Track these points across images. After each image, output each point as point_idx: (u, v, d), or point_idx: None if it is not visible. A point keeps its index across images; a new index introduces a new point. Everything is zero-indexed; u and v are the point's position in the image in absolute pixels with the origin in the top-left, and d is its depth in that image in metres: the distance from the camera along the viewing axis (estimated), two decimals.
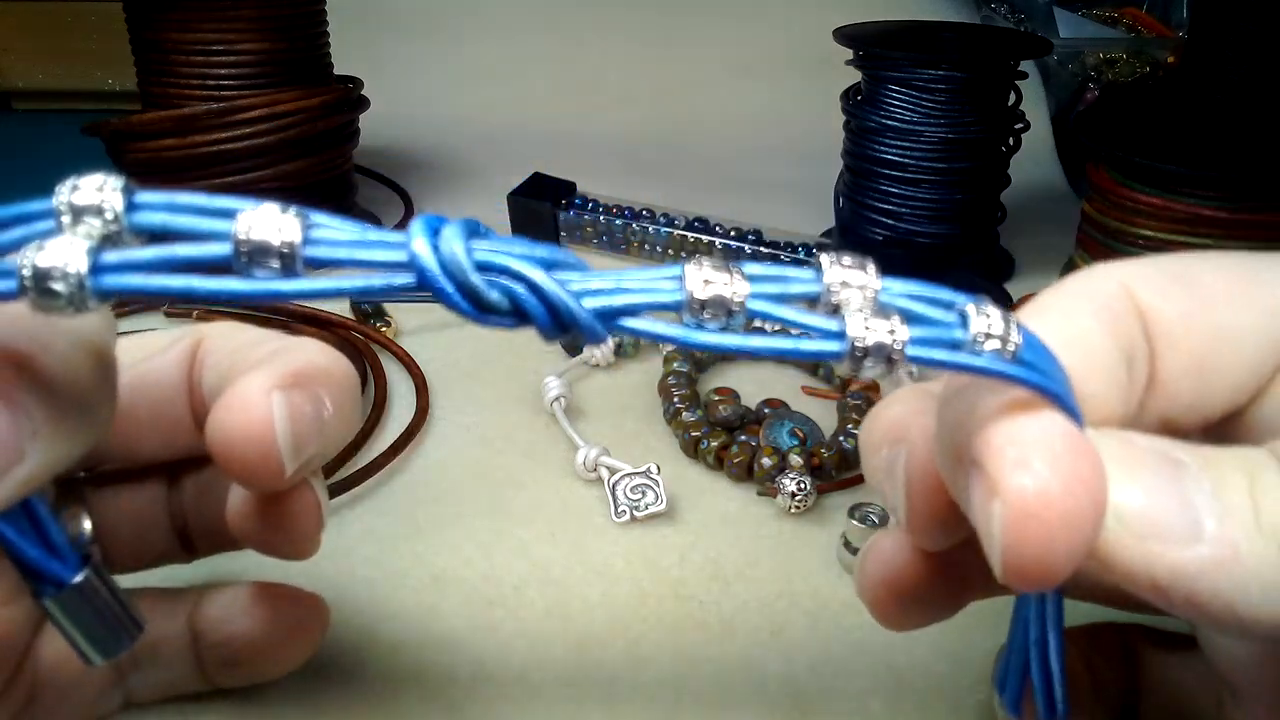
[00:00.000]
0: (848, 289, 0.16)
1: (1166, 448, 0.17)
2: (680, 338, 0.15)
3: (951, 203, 0.55)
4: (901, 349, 0.15)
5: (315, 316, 0.50)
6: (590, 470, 0.38)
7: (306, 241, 0.15)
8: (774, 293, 0.15)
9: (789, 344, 0.15)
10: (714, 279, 0.15)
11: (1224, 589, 0.16)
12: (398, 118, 0.80)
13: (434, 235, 0.15)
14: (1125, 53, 0.77)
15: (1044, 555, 0.15)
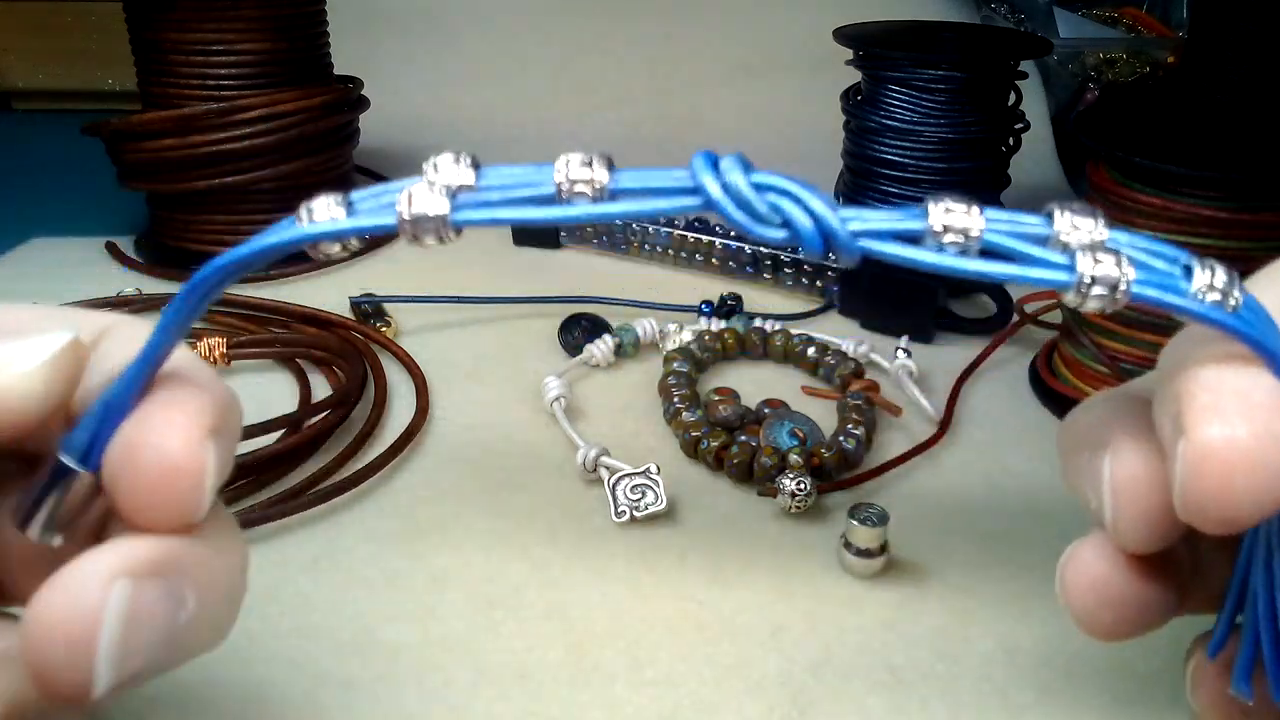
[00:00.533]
0: (1077, 232, 0.16)
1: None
2: (926, 261, 0.16)
3: None
4: (1128, 284, 0.16)
5: (315, 316, 0.50)
6: (590, 470, 0.38)
7: (612, 177, 0.19)
8: (1007, 229, 0.16)
9: (1020, 270, 0.16)
10: (954, 209, 0.16)
11: None
12: (398, 118, 0.80)
13: (714, 164, 0.18)
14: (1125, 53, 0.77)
15: (1223, 495, 0.16)
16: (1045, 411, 0.45)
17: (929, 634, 0.32)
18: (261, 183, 0.54)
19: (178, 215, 0.57)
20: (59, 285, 0.54)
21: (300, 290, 0.55)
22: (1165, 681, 0.30)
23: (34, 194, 0.71)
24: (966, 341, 0.50)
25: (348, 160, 0.60)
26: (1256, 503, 0.16)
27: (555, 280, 0.56)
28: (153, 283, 0.55)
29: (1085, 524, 0.38)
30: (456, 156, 0.18)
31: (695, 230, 0.56)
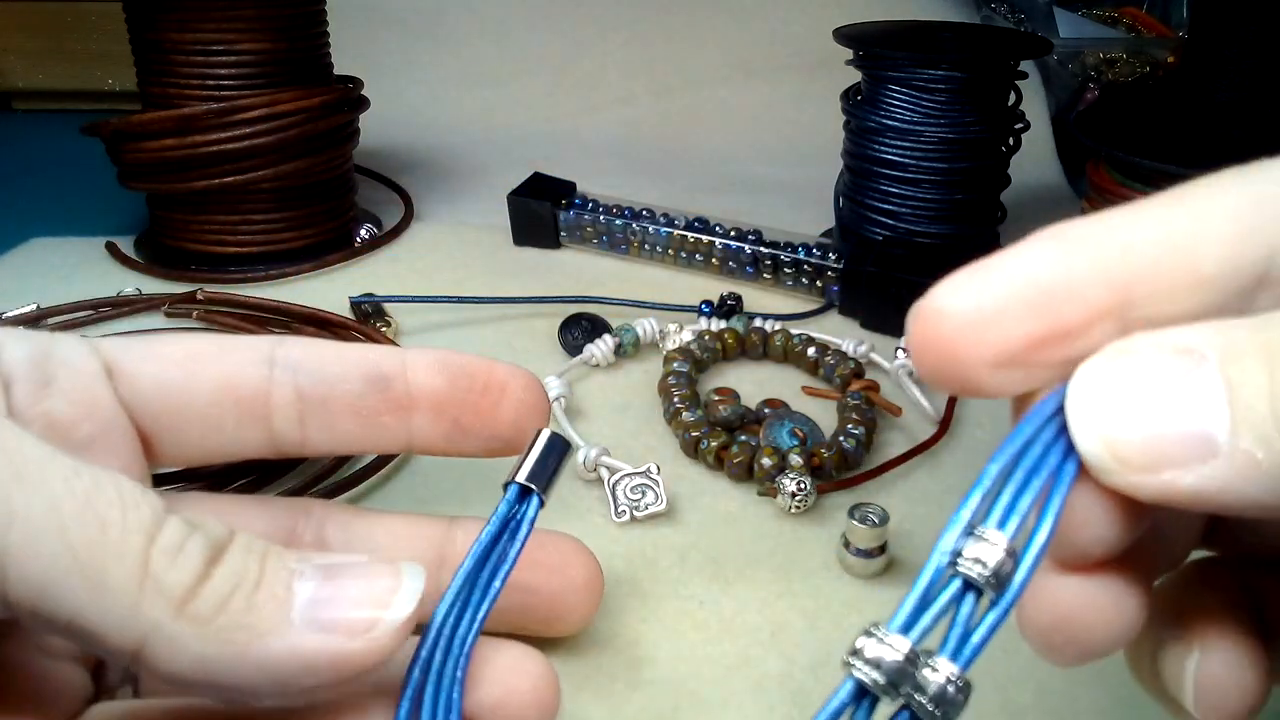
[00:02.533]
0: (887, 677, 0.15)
1: (1191, 340, 0.15)
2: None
3: (951, 203, 0.55)
4: (957, 672, 0.15)
5: (316, 316, 0.50)
6: (590, 470, 0.38)
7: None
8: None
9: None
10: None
11: (1254, 494, 0.15)
12: (398, 118, 0.80)
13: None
14: (1125, 53, 0.77)
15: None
16: None
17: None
18: (261, 183, 0.54)
19: (178, 215, 0.57)
20: (59, 285, 0.54)
21: (300, 290, 0.55)
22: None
23: (34, 194, 0.71)
24: None
25: (348, 160, 0.60)
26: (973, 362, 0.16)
27: (555, 280, 0.56)
28: (153, 283, 0.55)
29: None
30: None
31: (695, 230, 0.56)
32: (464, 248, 0.61)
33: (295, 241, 0.57)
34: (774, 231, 0.55)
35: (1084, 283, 0.16)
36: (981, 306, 0.16)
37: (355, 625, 0.19)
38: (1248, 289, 0.16)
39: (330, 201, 0.59)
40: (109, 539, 0.18)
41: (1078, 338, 0.16)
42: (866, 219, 0.57)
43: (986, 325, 0.16)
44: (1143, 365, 0.16)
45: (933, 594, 0.15)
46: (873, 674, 0.14)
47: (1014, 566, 0.15)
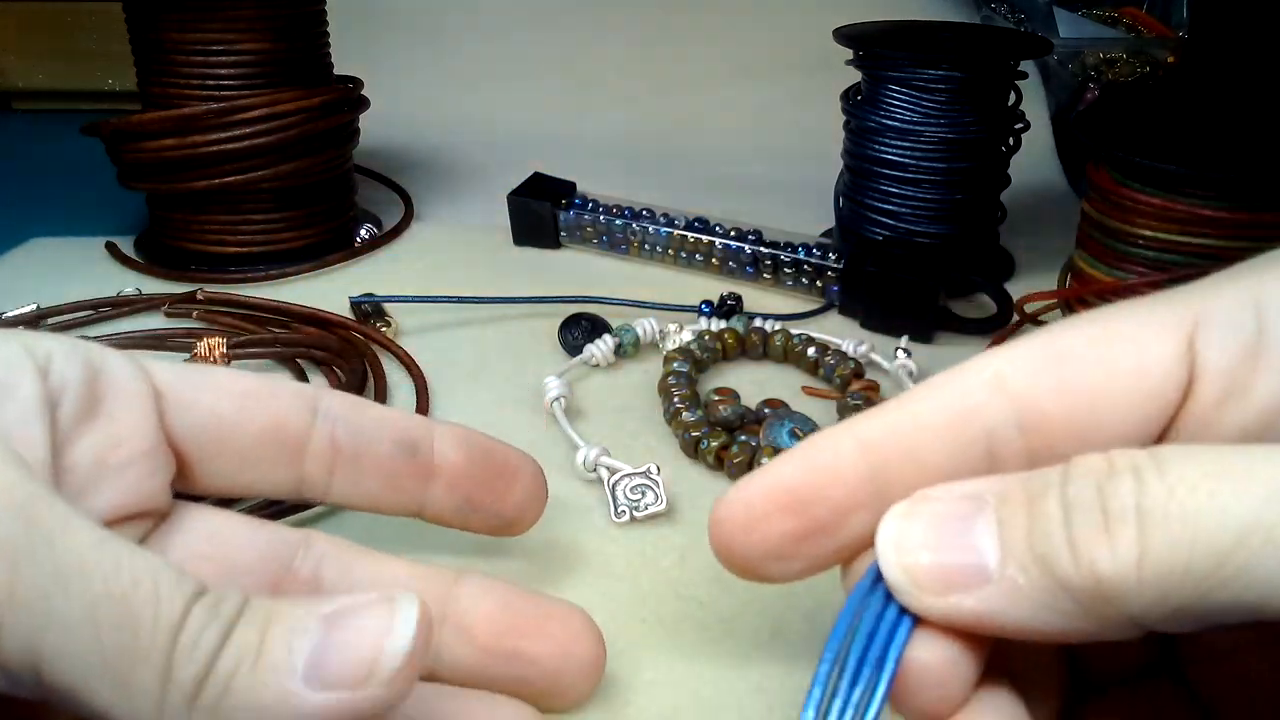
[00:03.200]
0: None
1: (976, 489, 0.19)
2: None
3: (951, 203, 0.55)
4: None
5: (316, 316, 0.50)
6: (590, 470, 0.38)
7: None
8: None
9: None
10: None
11: (1023, 616, 0.17)
12: (398, 118, 0.80)
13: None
14: (1125, 53, 0.77)
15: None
16: None
17: None
18: (261, 183, 0.54)
19: (178, 215, 0.57)
20: (59, 285, 0.54)
21: (300, 290, 0.55)
22: None
23: (34, 194, 0.71)
24: (966, 341, 0.50)
25: (348, 160, 0.60)
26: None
27: (555, 280, 0.56)
28: (153, 283, 0.55)
29: None
30: None
31: (695, 230, 0.56)
32: (464, 248, 0.61)
33: (295, 241, 0.57)
34: (774, 231, 0.55)
35: (828, 485, 0.20)
36: (745, 513, 0.20)
37: (356, 676, 0.19)
38: (979, 469, 0.19)
39: (330, 201, 0.59)
40: (139, 644, 0.18)
41: (837, 530, 0.20)
42: (866, 219, 0.57)
43: (750, 528, 0.20)
44: (936, 508, 0.19)
45: None
46: None
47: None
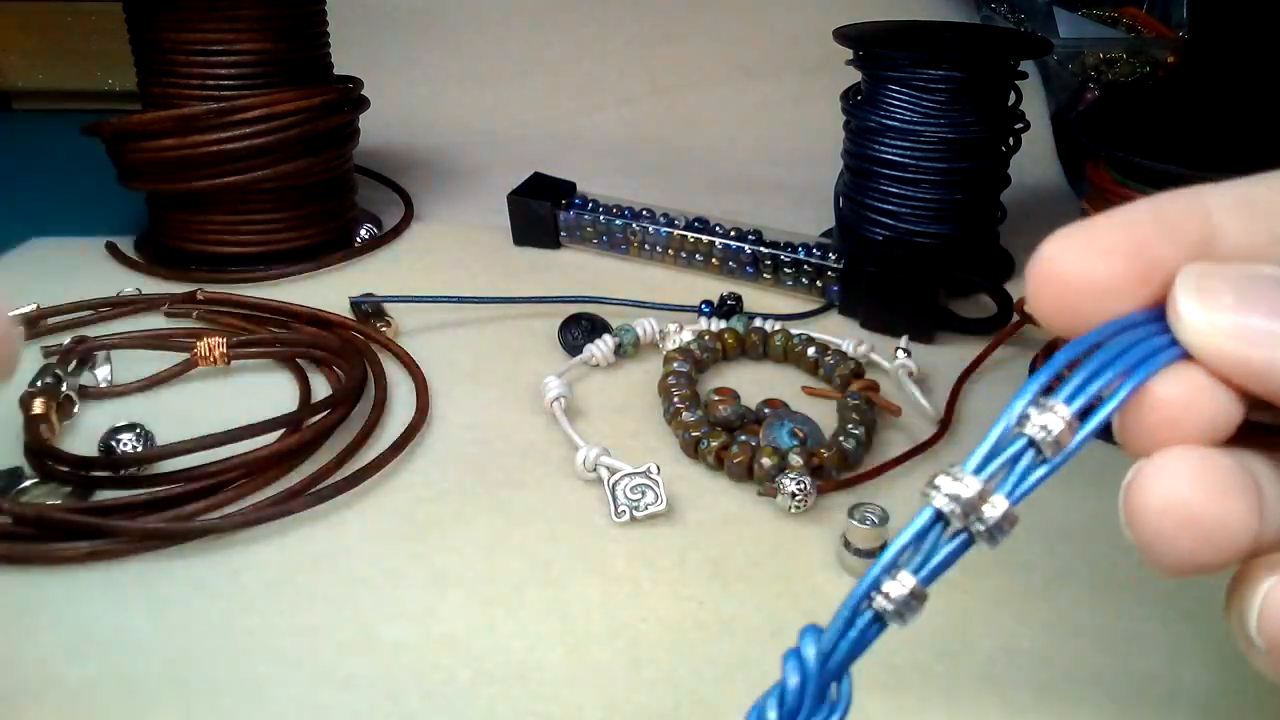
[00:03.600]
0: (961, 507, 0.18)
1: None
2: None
3: (951, 203, 0.55)
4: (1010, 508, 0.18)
5: (316, 316, 0.50)
6: (590, 470, 0.38)
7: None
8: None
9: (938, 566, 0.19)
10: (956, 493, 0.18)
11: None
12: (398, 118, 0.80)
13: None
14: (1125, 53, 0.77)
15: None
16: None
17: (929, 634, 0.32)
18: (261, 183, 0.54)
19: (178, 215, 0.57)
20: (59, 285, 0.54)
21: (300, 290, 0.55)
22: (1164, 681, 0.30)
23: (34, 194, 0.71)
24: (966, 341, 0.50)
25: (348, 160, 0.60)
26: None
27: (555, 280, 0.56)
28: (153, 283, 0.55)
29: (1083, 525, 0.38)
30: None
31: (695, 230, 0.56)
32: (464, 248, 0.61)
33: (295, 241, 0.57)
34: (774, 231, 0.55)
35: (1177, 224, 0.20)
36: (1094, 241, 0.20)
37: None
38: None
39: (330, 201, 0.59)
40: None
41: (1168, 272, 0.19)
42: (866, 219, 0.57)
43: (1098, 258, 0.19)
44: (1245, 269, 0.19)
45: (1000, 447, 0.18)
46: (950, 504, 0.18)
47: (1071, 438, 0.18)
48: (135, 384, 0.45)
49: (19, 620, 0.32)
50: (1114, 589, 0.34)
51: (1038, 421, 0.18)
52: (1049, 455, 0.18)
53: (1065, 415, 0.18)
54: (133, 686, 0.29)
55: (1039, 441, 0.18)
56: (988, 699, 0.30)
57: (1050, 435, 0.18)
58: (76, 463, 0.38)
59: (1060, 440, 0.18)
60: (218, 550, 0.35)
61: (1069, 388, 0.18)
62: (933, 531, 0.18)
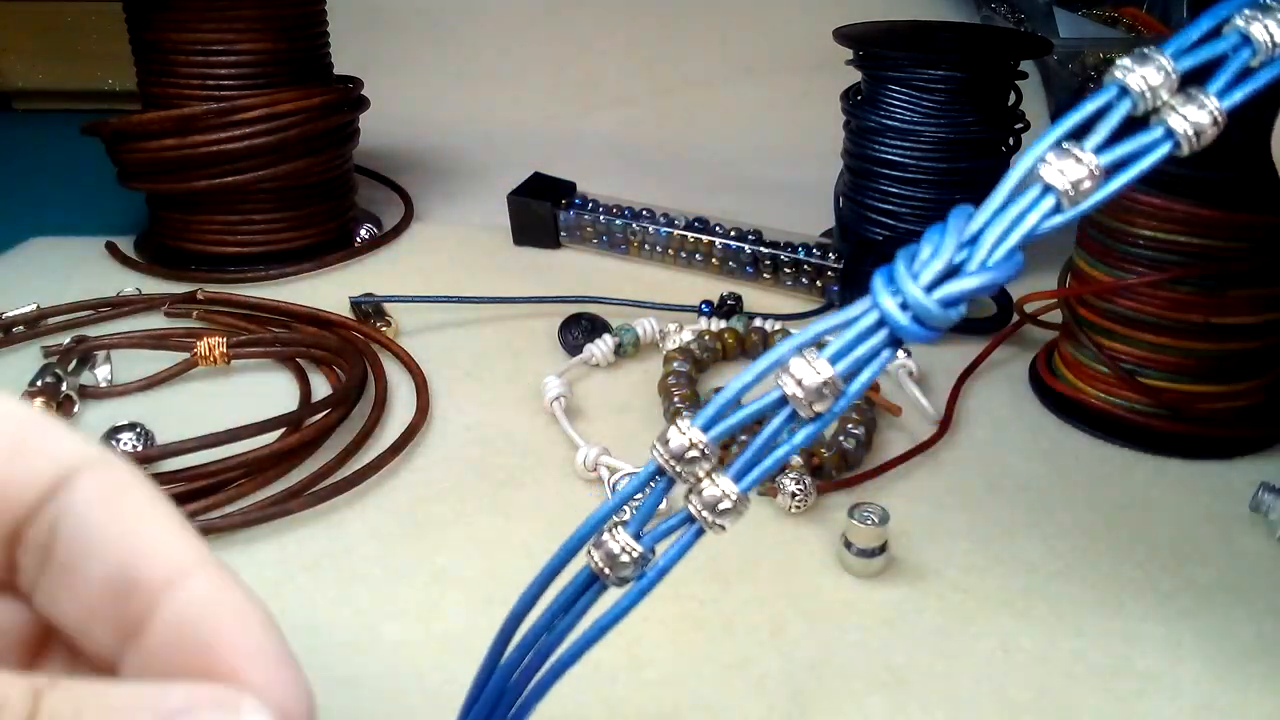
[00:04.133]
0: (1153, 92, 0.17)
1: None
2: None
3: (951, 203, 0.54)
4: (1220, 113, 0.17)
5: (316, 316, 0.50)
6: (590, 470, 0.38)
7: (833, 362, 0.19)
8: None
9: (1133, 172, 0.18)
10: (1067, 168, 0.17)
11: None
12: (398, 118, 0.80)
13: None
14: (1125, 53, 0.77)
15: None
16: (1045, 411, 0.45)
17: (929, 634, 0.32)
18: (261, 183, 0.54)
19: (178, 215, 0.57)
20: (59, 285, 0.54)
21: (301, 290, 0.55)
22: (1164, 680, 0.30)
23: (34, 194, 0.71)
24: (966, 341, 0.50)
25: (348, 160, 0.60)
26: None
27: (555, 280, 0.56)
28: (153, 283, 0.55)
29: (1083, 524, 0.38)
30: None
31: (695, 230, 0.56)
32: (464, 248, 0.61)
33: (295, 241, 0.57)
34: (774, 231, 0.55)
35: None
36: None
37: None
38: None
39: (330, 201, 0.59)
40: None
41: None
42: (866, 219, 0.57)
43: None
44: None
45: (1017, 192, 0.18)
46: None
47: (1094, 188, 0.17)
48: (135, 384, 0.45)
49: None
50: (1114, 589, 0.34)
51: (1057, 166, 0.18)
52: (1067, 204, 0.18)
53: (1091, 163, 0.17)
54: None
55: (1055, 189, 0.18)
56: (988, 699, 0.30)
57: (1067, 181, 0.17)
58: None
59: (1080, 188, 0.17)
60: (218, 549, 0.35)
61: (1101, 133, 0.18)
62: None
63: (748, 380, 0.19)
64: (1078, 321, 0.43)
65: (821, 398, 0.18)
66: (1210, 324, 0.40)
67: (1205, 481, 0.40)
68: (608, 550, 0.19)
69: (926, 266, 0.19)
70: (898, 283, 0.19)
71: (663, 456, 0.18)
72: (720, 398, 0.18)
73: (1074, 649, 0.31)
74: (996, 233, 0.18)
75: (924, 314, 0.18)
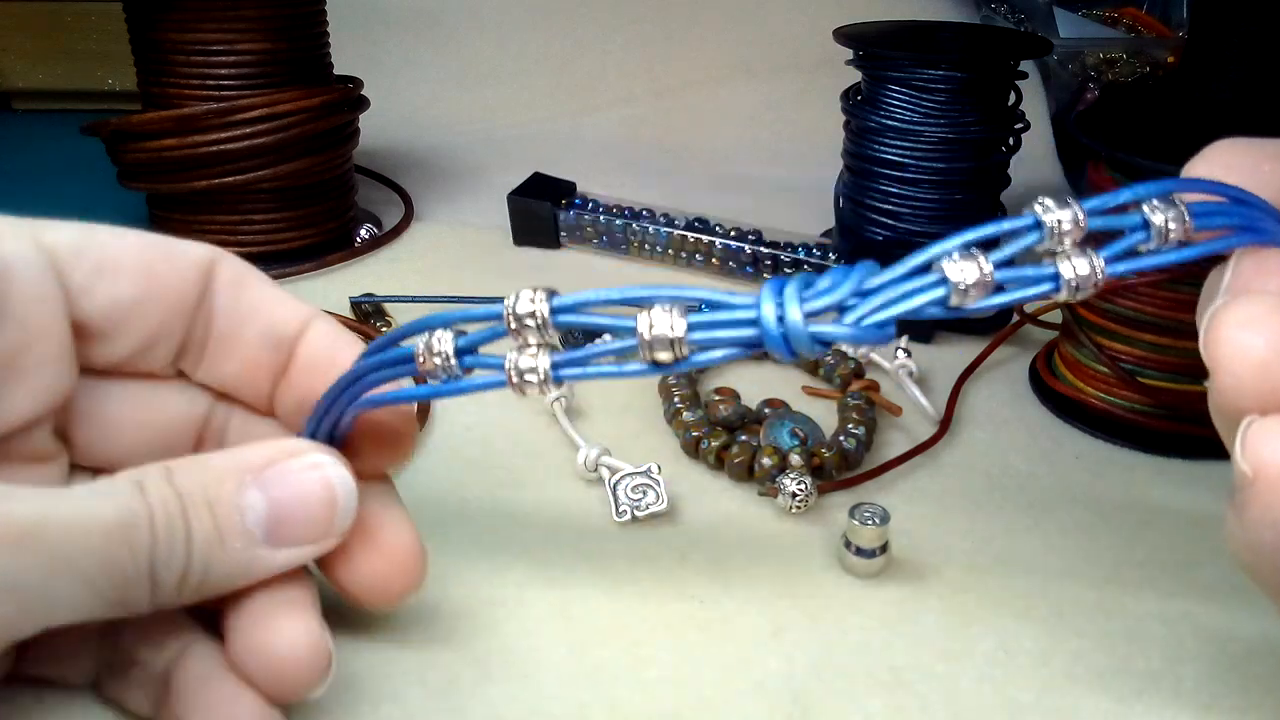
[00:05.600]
0: (1061, 235, 0.20)
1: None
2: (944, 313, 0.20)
3: (951, 203, 0.55)
4: (1102, 272, 0.19)
5: None
6: (591, 470, 0.38)
7: (690, 329, 0.20)
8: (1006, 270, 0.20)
9: (1015, 296, 0.20)
10: (967, 269, 0.19)
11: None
12: (398, 118, 0.80)
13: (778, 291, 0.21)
14: (1125, 53, 0.77)
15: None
16: (1045, 411, 0.45)
17: (929, 634, 0.32)
18: (261, 183, 0.54)
19: (177, 215, 0.57)
20: None
21: (300, 290, 0.55)
22: (1165, 680, 0.30)
23: (34, 194, 0.71)
24: (966, 341, 0.50)
25: (348, 160, 0.60)
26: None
27: (555, 280, 0.56)
28: None
29: (1083, 524, 0.38)
30: (540, 333, 0.21)
31: (695, 230, 0.56)
32: (464, 248, 0.61)
33: (295, 241, 0.57)
34: (774, 231, 0.55)
35: None
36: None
37: (315, 532, 0.24)
38: None
39: (330, 201, 0.59)
40: (126, 577, 0.22)
41: None
42: (866, 219, 0.57)
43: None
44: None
45: (919, 271, 0.20)
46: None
47: (979, 297, 0.20)
48: None
49: None
50: (1114, 589, 0.34)
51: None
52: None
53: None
54: None
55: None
56: (988, 699, 0.30)
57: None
58: None
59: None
60: None
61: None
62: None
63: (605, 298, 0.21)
64: (1077, 321, 0.43)
65: (663, 349, 0.20)
66: None
67: (1205, 481, 0.40)
68: (430, 345, 0.22)
69: (818, 297, 0.20)
70: (784, 298, 0.20)
71: (509, 308, 0.21)
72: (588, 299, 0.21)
73: (1075, 649, 0.31)
74: (885, 298, 0.20)
75: (794, 336, 0.20)
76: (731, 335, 0.20)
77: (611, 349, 0.21)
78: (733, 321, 0.20)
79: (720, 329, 0.20)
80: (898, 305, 0.20)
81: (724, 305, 0.20)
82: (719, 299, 0.20)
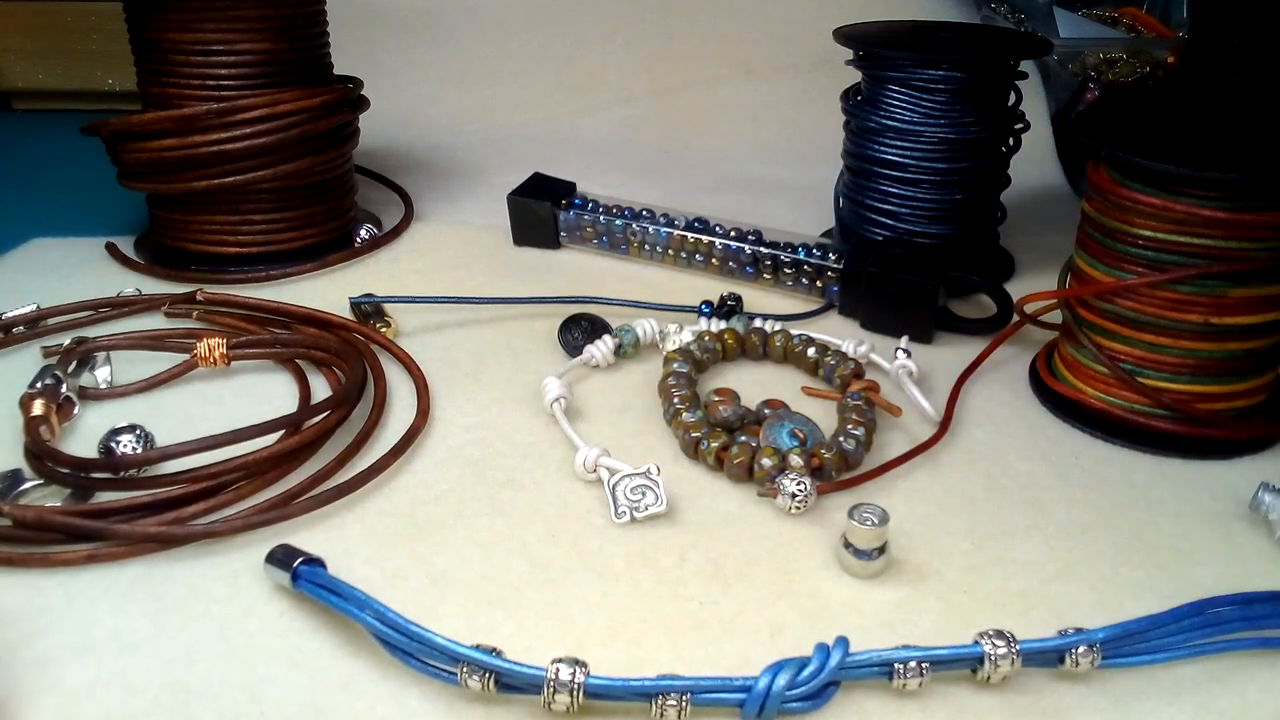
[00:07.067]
0: None
1: None
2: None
3: (951, 203, 0.55)
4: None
5: (316, 317, 0.50)
6: (590, 471, 0.38)
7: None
8: None
9: None
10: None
11: None
12: (398, 118, 0.80)
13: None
14: (1125, 53, 0.77)
15: None
16: (1045, 411, 0.45)
17: (929, 634, 0.32)
18: (261, 183, 0.54)
19: (178, 215, 0.57)
20: (59, 285, 0.54)
21: (300, 290, 0.55)
22: (1165, 680, 0.30)
23: (34, 194, 0.71)
24: (966, 341, 0.50)
25: (348, 160, 0.60)
26: None
27: (555, 280, 0.56)
28: (153, 283, 0.55)
29: (1083, 524, 0.38)
30: None
31: (695, 230, 0.56)
32: (464, 248, 0.61)
33: (295, 242, 0.57)
34: (774, 232, 0.55)
35: None
36: None
37: None
38: None
39: (330, 201, 0.59)
40: None
41: None
42: (866, 219, 0.57)
43: None
44: None
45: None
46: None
47: None
48: (135, 385, 0.45)
49: (19, 623, 0.32)
50: (1114, 589, 0.34)
51: None
52: None
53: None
54: (133, 688, 0.29)
55: None
56: (988, 700, 0.30)
57: None
58: (76, 464, 0.38)
59: None
60: (217, 552, 0.35)
61: None
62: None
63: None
64: (1077, 322, 0.43)
65: None
66: (1210, 324, 0.40)
67: (1205, 481, 0.40)
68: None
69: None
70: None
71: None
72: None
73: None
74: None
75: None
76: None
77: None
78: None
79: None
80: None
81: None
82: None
